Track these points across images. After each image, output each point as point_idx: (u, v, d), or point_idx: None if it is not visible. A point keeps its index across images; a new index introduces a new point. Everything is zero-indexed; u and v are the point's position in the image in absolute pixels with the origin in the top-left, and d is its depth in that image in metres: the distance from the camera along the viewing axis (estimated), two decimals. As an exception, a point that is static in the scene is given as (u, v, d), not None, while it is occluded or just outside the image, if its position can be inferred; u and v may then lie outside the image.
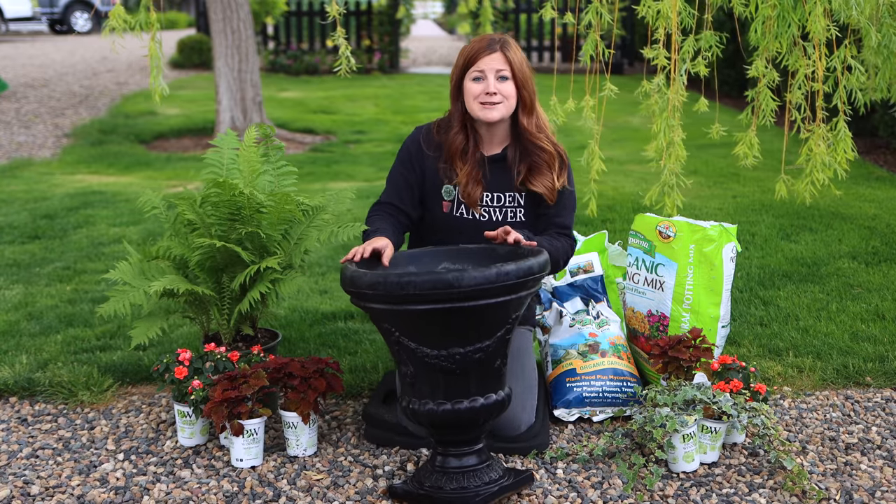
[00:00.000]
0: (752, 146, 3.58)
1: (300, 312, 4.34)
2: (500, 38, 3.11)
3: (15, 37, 24.18)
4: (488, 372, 2.73)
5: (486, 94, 3.05)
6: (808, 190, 3.52)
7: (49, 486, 2.92)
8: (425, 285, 2.54)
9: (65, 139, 9.51)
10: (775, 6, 3.33)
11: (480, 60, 3.06)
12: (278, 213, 3.23)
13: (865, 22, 3.41)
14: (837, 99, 3.52)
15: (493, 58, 3.06)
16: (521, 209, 3.19)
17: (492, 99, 3.06)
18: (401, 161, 3.23)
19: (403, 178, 3.21)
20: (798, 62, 3.44)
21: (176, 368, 3.13)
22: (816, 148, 3.47)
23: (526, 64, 3.12)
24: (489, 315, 2.64)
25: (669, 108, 3.44)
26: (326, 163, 8.16)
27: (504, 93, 3.07)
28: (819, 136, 3.47)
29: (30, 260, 5.22)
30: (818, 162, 3.46)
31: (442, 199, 3.19)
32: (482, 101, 3.07)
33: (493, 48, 3.07)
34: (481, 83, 3.07)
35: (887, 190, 6.64)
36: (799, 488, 2.84)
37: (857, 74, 3.52)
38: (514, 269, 2.60)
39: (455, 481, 2.76)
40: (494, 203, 3.18)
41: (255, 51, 9.27)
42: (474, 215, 3.18)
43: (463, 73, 3.11)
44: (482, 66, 3.06)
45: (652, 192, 3.57)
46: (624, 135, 9.66)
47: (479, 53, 3.07)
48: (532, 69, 3.15)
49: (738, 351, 3.85)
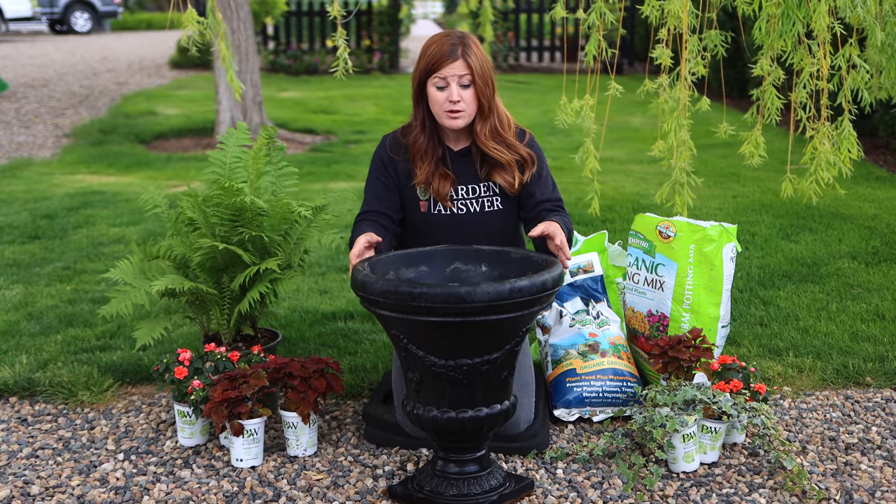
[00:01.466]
0: (757, 145, 3.57)
1: (300, 312, 4.34)
2: (461, 41, 3.08)
3: (15, 37, 24.18)
4: (495, 383, 2.73)
5: (450, 102, 3.07)
6: (812, 189, 3.50)
7: (49, 486, 2.92)
8: (437, 298, 2.52)
9: (65, 139, 9.51)
10: (779, 4, 3.32)
11: (443, 68, 3.05)
12: (279, 216, 3.23)
13: (871, 20, 3.40)
14: (842, 98, 3.51)
15: (455, 66, 3.05)
16: (497, 197, 3.20)
17: (456, 107, 3.07)
18: (375, 169, 3.24)
19: (381, 182, 3.22)
20: (803, 61, 3.43)
21: (176, 368, 3.13)
22: (821, 147, 3.46)
23: (486, 64, 3.10)
24: (500, 329, 2.63)
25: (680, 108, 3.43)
26: (326, 163, 8.16)
27: (467, 100, 3.08)
28: (824, 135, 3.46)
29: (30, 260, 5.22)
30: (823, 161, 3.45)
31: (418, 199, 3.20)
32: (447, 110, 3.08)
33: (454, 56, 3.05)
34: (444, 91, 3.07)
35: (887, 190, 6.64)
36: (799, 488, 2.84)
37: (863, 73, 3.51)
38: (528, 285, 2.58)
39: (455, 487, 2.75)
40: (470, 195, 3.18)
41: (255, 51, 9.28)
42: (451, 210, 3.18)
43: (425, 77, 3.10)
44: (444, 74, 3.05)
45: (662, 191, 3.56)
46: (624, 135, 9.67)
47: (441, 61, 3.06)
48: (492, 67, 3.15)
49: (738, 351, 3.85)
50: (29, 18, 25.77)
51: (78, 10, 25.04)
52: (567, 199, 6.39)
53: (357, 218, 3.22)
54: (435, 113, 3.12)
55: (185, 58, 15.86)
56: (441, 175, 3.16)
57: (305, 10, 16.27)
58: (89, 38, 23.29)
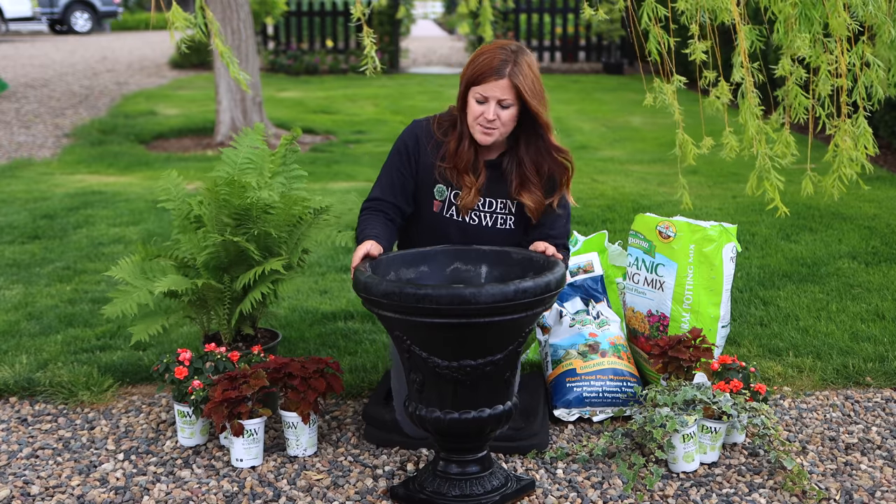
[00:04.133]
0: (788, 145, 3.55)
1: (300, 312, 4.34)
2: (513, 58, 2.96)
3: (15, 37, 24.18)
4: (497, 383, 2.73)
5: (486, 119, 2.98)
6: (836, 186, 3.49)
7: (49, 486, 2.92)
8: (442, 300, 2.52)
9: (65, 139, 9.51)
10: (796, 4, 3.32)
11: (486, 84, 2.96)
12: (286, 214, 3.23)
13: (883, 17, 3.40)
14: (857, 95, 3.50)
15: (500, 85, 2.95)
16: (511, 216, 3.14)
17: (490, 126, 3.00)
18: (398, 154, 3.15)
19: (399, 172, 3.13)
20: (819, 58, 3.42)
21: (176, 368, 3.13)
22: (843, 143, 3.45)
23: (537, 83, 2.99)
24: (503, 330, 2.63)
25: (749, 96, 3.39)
26: (326, 163, 8.16)
27: (503, 119, 2.99)
28: (844, 132, 3.46)
29: (30, 260, 5.22)
30: (845, 157, 3.45)
31: (433, 197, 3.14)
32: (480, 124, 3.01)
33: (500, 74, 2.94)
34: (482, 106, 2.99)
35: (887, 190, 6.64)
36: (799, 488, 2.84)
37: (876, 69, 3.51)
38: (532, 286, 2.57)
39: (457, 488, 2.75)
40: (486, 208, 3.13)
41: (255, 51, 9.27)
42: (464, 218, 3.13)
43: (468, 86, 3.02)
44: (486, 92, 2.96)
45: (751, 182, 3.50)
46: (624, 135, 9.67)
47: (486, 76, 2.96)
48: (542, 86, 3.03)
49: (738, 351, 3.85)
50: (29, 18, 25.77)
51: (78, 10, 25.04)
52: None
53: (365, 204, 3.14)
54: (468, 122, 3.04)
55: (185, 58, 15.86)
56: (476, 190, 3.09)
57: (305, 10, 16.27)
58: (89, 38, 23.29)
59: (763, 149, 3.40)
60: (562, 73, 15.66)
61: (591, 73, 15.84)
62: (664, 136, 9.22)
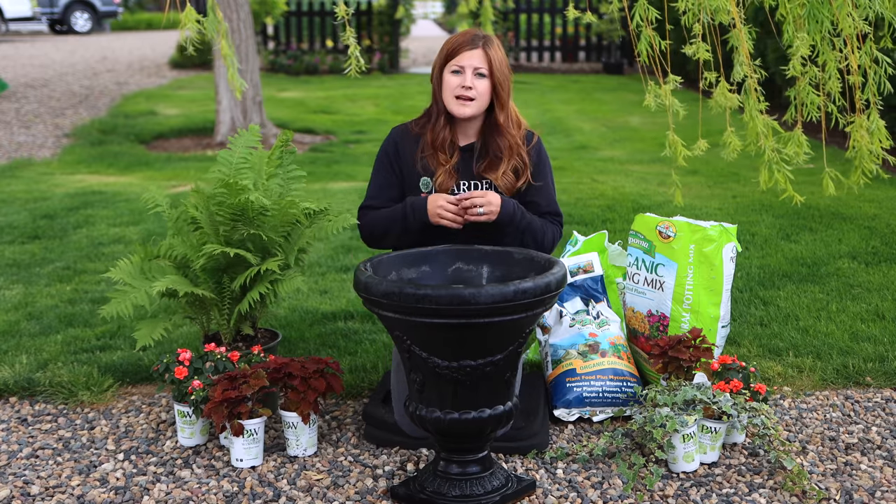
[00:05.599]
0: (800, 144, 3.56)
1: (300, 312, 4.34)
2: (484, 35, 3.17)
3: (15, 37, 24.19)
4: (497, 384, 2.73)
5: (462, 87, 3.11)
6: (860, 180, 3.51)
7: (49, 486, 2.92)
8: (442, 300, 2.52)
9: (65, 139, 9.51)
10: (804, 5, 3.33)
11: (461, 55, 3.13)
12: (281, 216, 3.24)
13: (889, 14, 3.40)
14: (868, 92, 3.51)
15: (474, 54, 3.12)
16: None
17: (467, 94, 3.12)
18: (381, 163, 3.29)
19: (386, 179, 3.27)
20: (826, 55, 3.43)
21: (176, 368, 3.13)
22: (861, 139, 3.46)
23: (505, 64, 3.18)
24: (504, 330, 2.63)
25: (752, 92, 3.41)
26: (326, 163, 8.16)
27: (479, 90, 3.13)
28: (861, 126, 3.47)
29: (30, 260, 5.22)
30: (865, 152, 3.46)
31: (420, 191, 3.24)
32: (457, 95, 3.13)
33: (475, 44, 3.13)
34: (459, 76, 3.13)
35: (887, 190, 6.64)
36: (799, 488, 2.84)
37: (885, 66, 3.52)
38: (532, 286, 2.58)
39: (458, 488, 2.75)
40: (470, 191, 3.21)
41: (255, 51, 9.28)
42: None
43: (443, 64, 3.17)
44: (462, 62, 3.12)
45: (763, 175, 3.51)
46: (624, 135, 9.67)
47: (460, 48, 3.13)
48: (511, 69, 3.21)
49: (738, 351, 3.85)
50: (29, 18, 25.78)
51: (78, 10, 25.05)
52: (567, 199, 6.41)
53: (362, 211, 3.29)
54: (445, 99, 3.16)
55: (185, 58, 15.87)
56: (448, 172, 3.20)
57: (305, 10, 16.28)
58: (89, 38, 23.29)
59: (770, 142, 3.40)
60: (562, 73, 15.67)
61: (591, 73, 15.84)
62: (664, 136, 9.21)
